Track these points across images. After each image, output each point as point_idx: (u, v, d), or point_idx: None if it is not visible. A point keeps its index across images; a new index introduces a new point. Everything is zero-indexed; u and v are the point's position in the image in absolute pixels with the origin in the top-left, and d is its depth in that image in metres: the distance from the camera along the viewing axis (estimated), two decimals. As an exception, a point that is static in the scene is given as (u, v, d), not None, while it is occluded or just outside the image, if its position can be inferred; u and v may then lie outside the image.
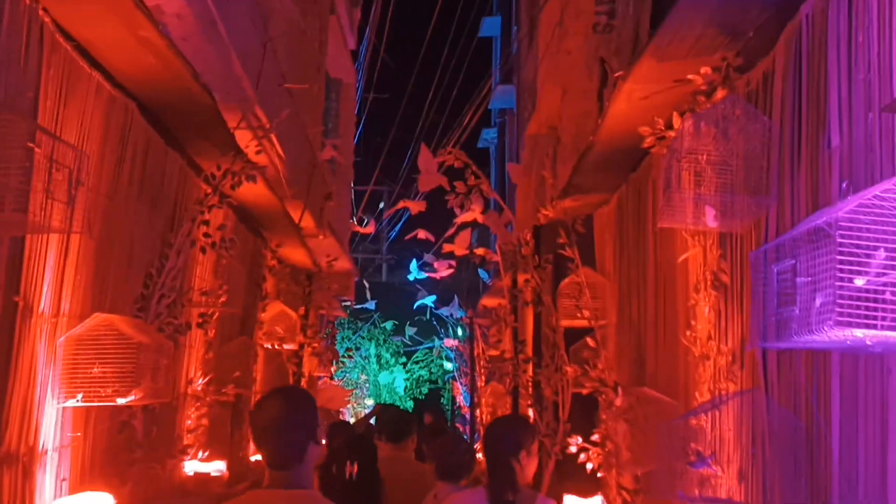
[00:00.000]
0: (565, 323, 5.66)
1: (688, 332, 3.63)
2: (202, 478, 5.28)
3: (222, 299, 5.31)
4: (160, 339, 4.00)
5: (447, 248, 10.64)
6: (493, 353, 10.61)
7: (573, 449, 5.20)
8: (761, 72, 3.25)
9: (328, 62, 10.86)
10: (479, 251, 11.15)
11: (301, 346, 7.97)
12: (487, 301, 11.20)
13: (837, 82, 2.53)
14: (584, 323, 5.48)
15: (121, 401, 3.55)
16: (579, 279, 5.46)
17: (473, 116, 14.61)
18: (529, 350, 6.67)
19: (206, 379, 5.45)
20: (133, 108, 4.03)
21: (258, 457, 7.39)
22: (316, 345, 8.42)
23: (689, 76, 3.52)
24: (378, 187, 19.14)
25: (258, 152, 4.90)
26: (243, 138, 5.02)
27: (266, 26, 5.73)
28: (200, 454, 5.34)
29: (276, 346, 7.36)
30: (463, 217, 11.01)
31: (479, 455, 4.64)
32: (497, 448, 3.10)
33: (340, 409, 10.97)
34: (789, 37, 2.96)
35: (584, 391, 5.22)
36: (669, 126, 3.76)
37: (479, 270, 15.43)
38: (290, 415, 2.47)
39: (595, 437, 5.19)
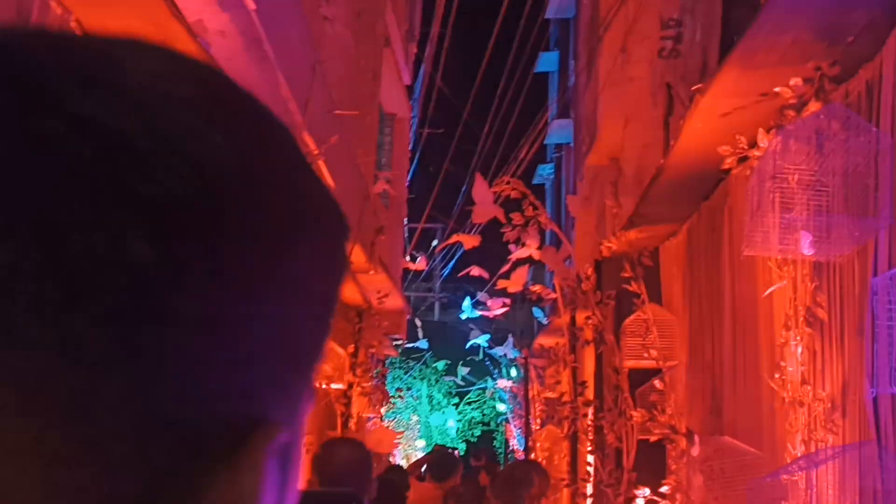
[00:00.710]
0: (630, 363, 5.25)
1: (776, 375, 3.22)
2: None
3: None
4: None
5: (502, 284, 10.31)
6: (550, 394, 10.16)
7: (640, 502, 4.77)
8: (863, 80, 2.88)
9: (382, 95, 10.73)
10: (536, 288, 10.80)
11: (350, 385, 7.67)
12: (543, 340, 10.78)
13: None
14: (650, 364, 5.07)
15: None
16: (646, 316, 5.06)
17: (529, 151, 14.33)
18: (590, 392, 6.25)
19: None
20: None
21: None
22: (365, 384, 8.12)
23: (778, 89, 3.16)
24: (431, 224, 18.95)
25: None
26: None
27: (316, 50, 5.54)
28: None
29: (324, 386, 7.07)
30: (518, 253, 10.69)
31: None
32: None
33: (390, 453, 10.61)
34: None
35: (652, 438, 4.79)
36: (753, 145, 3.39)
37: (534, 309, 15.01)
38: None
39: (664, 489, 4.75)
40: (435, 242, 19.00)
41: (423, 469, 5.32)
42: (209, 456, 0.29)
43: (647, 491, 4.76)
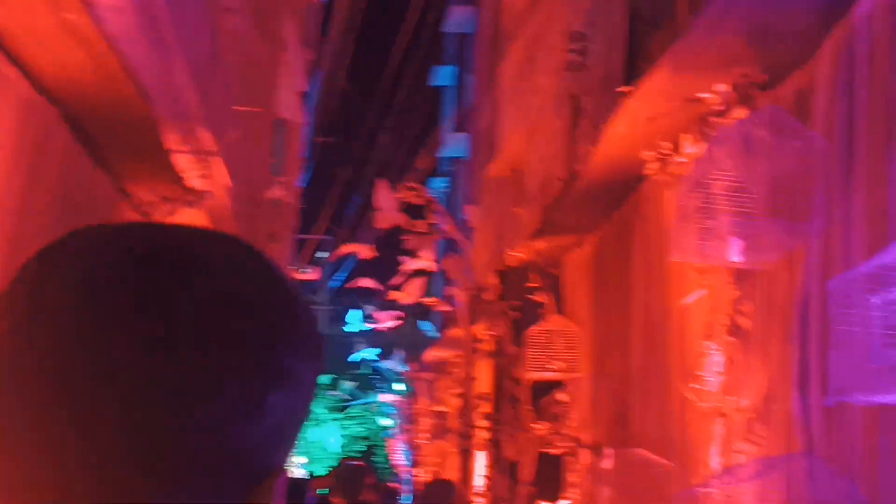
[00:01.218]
0: (533, 375, 5.15)
1: (692, 385, 3.16)
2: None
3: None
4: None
5: (395, 296, 10.10)
6: (441, 408, 10.01)
7: (541, 517, 4.66)
8: (793, 88, 2.87)
9: (278, 100, 10.36)
10: (430, 300, 10.64)
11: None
12: (434, 354, 10.64)
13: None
14: (554, 375, 4.99)
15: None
16: (550, 327, 4.98)
17: (425, 165, 14.23)
18: (488, 405, 6.13)
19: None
20: (54, 115, 3.43)
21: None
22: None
23: (702, 95, 3.13)
24: (322, 236, 18.56)
25: (201, 177, 4.33)
26: (183, 163, 4.45)
27: (216, 39, 5.21)
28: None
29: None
30: (412, 264, 10.52)
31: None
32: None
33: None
34: (839, 42, 2.57)
35: (555, 451, 4.69)
36: (676, 150, 3.35)
37: (421, 323, 14.88)
38: None
39: (564, 503, 4.66)
40: (325, 255, 18.61)
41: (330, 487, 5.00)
42: (259, 484, 0.51)
43: (548, 506, 4.65)
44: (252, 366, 0.49)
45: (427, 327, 14.79)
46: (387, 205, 6.37)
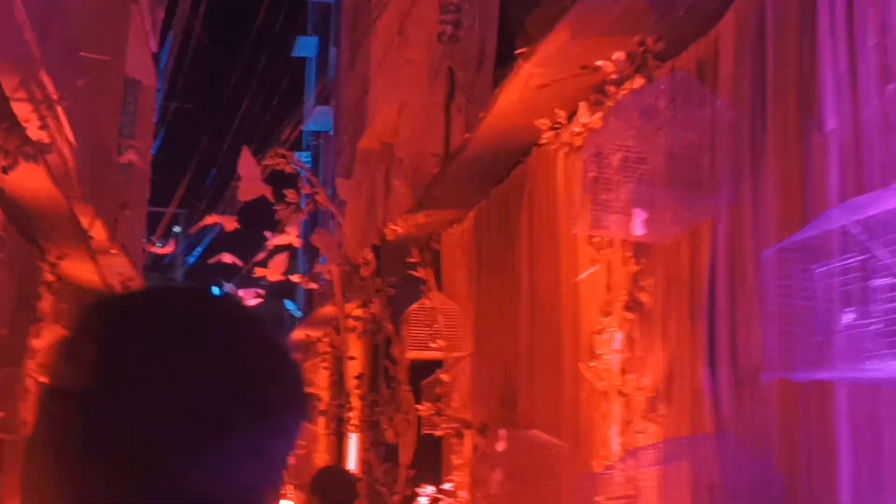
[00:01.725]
0: (413, 354, 4.96)
1: (591, 364, 3.05)
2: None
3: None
4: None
5: (259, 272, 9.64)
6: (309, 389, 9.69)
7: (424, 501, 4.49)
8: (693, 57, 2.78)
9: (127, 60, 9.59)
10: (296, 277, 10.24)
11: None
12: (301, 333, 10.26)
13: (833, 54, 2.06)
14: (435, 355, 4.81)
15: None
16: (431, 305, 4.79)
17: (288, 137, 13.68)
18: (363, 387, 5.89)
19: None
20: None
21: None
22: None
23: (599, 62, 3.00)
24: (173, 209, 17.58)
25: (41, 127, 3.83)
26: (23, 111, 3.93)
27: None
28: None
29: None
30: (277, 239, 10.07)
31: None
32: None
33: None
34: (742, 10, 2.49)
35: (439, 432, 4.53)
36: (570, 120, 3.22)
37: (286, 301, 14.40)
38: None
39: (448, 486, 4.51)
40: (178, 229, 17.68)
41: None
42: None
43: (430, 489, 4.49)
44: (265, 421, 0.64)
45: (290, 306, 14.33)
46: (251, 174, 5.97)
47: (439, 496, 4.47)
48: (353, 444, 7.09)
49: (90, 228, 5.95)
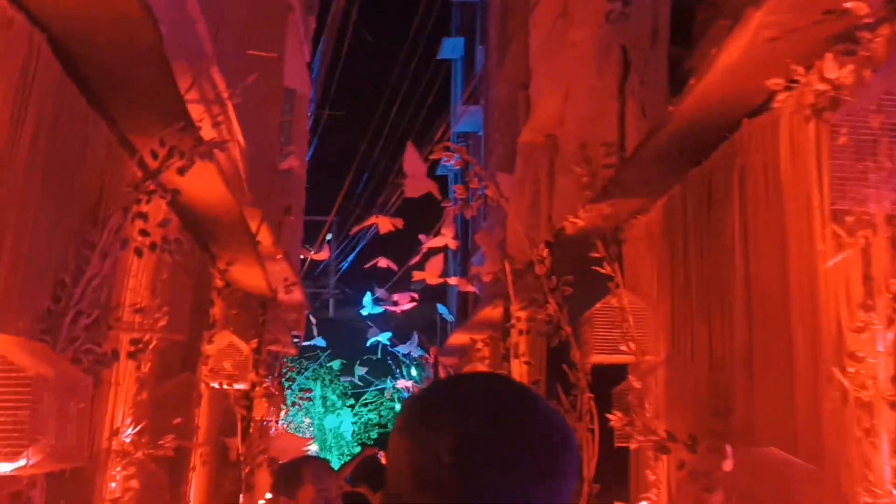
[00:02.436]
0: (596, 359, 4.54)
1: (849, 369, 2.54)
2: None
3: (162, 322, 4.04)
4: (74, 374, 2.76)
5: (417, 276, 9.49)
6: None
7: (617, 521, 4.07)
8: None
9: (285, 68, 9.69)
10: (453, 279, 10.03)
11: (252, 385, 6.66)
12: (458, 338, 10.05)
13: None
14: (623, 359, 4.38)
15: (5, 467, 2.29)
16: (619, 303, 4.36)
17: (440, 140, 13.51)
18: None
19: (138, 428, 4.14)
20: (42, 42, 2.80)
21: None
22: (267, 385, 7.12)
23: (849, 3, 2.49)
24: (323, 217, 17.89)
25: (215, 125, 3.70)
26: (196, 111, 3.81)
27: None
28: (127, 530, 4.01)
29: (225, 386, 6.05)
30: (432, 242, 9.89)
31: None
32: None
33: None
34: None
35: (633, 445, 4.08)
36: (812, 76, 2.71)
37: (439, 306, 14.28)
38: None
39: (643, 505, 4.06)
40: (329, 237, 17.95)
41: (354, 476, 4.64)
42: None
43: (624, 507, 4.06)
44: (568, 486, 0.91)
45: (442, 310, 14.20)
46: (417, 171, 5.74)
47: (635, 515, 4.03)
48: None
49: (257, 232, 5.90)
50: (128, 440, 4.08)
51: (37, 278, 3.00)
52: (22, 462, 2.31)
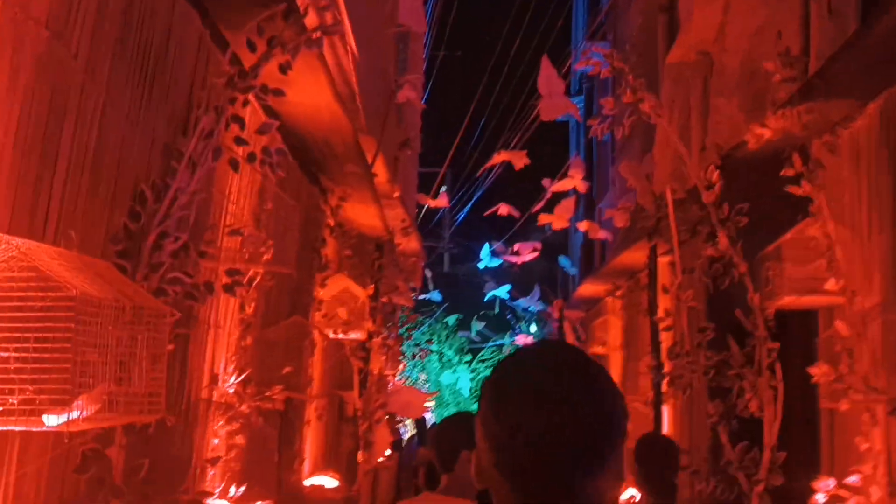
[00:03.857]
0: (786, 301, 3.69)
1: None
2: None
3: (267, 255, 3.46)
4: (155, 307, 2.18)
5: (544, 219, 8.73)
6: (601, 349, 8.65)
7: (820, 498, 3.25)
8: None
9: (400, 6, 9.01)
10: (583, 225, 9.22)
11: (369, 335, 6.11)
12: (586, 289, 9.24)
13: None
14: (822, 300, 3.51)
15: (51, 421, 1.73)
16: (818, 232, 3.48)
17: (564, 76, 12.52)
18: (698, 344, 4.64)
19: (243, 377, 3.60)
20: None
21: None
22: (386, 335, 6.57)
23: None
24: (435, 169, 17.24)
25: (324, 8, 3.03)
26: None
27: None
28: (234, 490, 3.50)
29: (340, 335, 5.52)
30: (559, 185, 9.08)
31: None
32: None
33: (420, 418, 9.10)
34: None
35: (844, 405, 3.24)
36: None
37: (561, 258, 13.45)
38: None
39: (853, 479, 3.23)
40: (444, 188, 17.31)
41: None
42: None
43: (829, 482, 3.24)
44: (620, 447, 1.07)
45: (565, 262, 13.37)
46: (553, 90, 4.97)
47: (844, 493, 3.20)
48: (667, 415, 5.94)
49: (373, 163, 5.27)
50: (231, 391, 3.55)
51: (111, 190, 2.43)
52: (75, 414, 1.74)
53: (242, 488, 3.52)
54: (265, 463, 4.03)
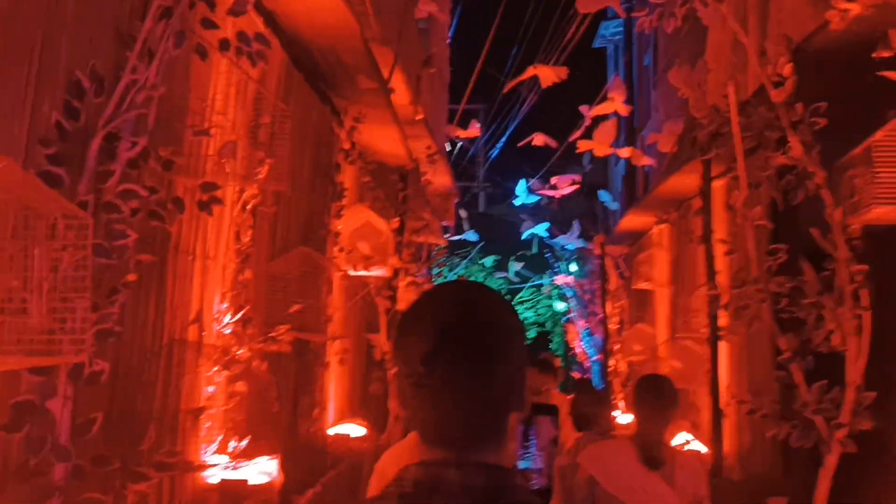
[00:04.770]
0: (876, 215, 3.10)
1: None
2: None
3: (262, 169, 2.95)
4: (72, 211, 1.71)
5: (583, 145, 8.10)
6: (645, 285, 8.07)
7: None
8: None
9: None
10: (626, 151, 8.57)
11: (395, 272, 5.62)
12: (630, 221, 8.63)
13: None
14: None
15: None
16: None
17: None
18: (751, 270, 4.03)
19: (239, 315, 3.13)
20: None
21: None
22: (413, 271, 6.07)
23: None
24: (471, 105, 16.48)
25: None
26: None
27: None
28: (233, 445, 3.05)
29: (362, 272, 5.02)
30: (599, 109, 8.41)
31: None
32: (658, 403, 3.01)
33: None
34: None
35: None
36: None
37: (601, 192, 12.77)
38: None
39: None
40: (478, 125, 16.63)
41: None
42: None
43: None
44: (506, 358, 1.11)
45: (605, 197, 12.70)
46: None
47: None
48: (724, 353, 5.38)
49: (390, 77, 4.70)
50: (227, 332, 3.08)
51: (34, 74, 1.92)
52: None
53: (245, 441, 3.08)
54: (273, 413, 3.58)
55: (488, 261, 16.98)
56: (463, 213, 14.06)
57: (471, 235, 13.78)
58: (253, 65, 2.48)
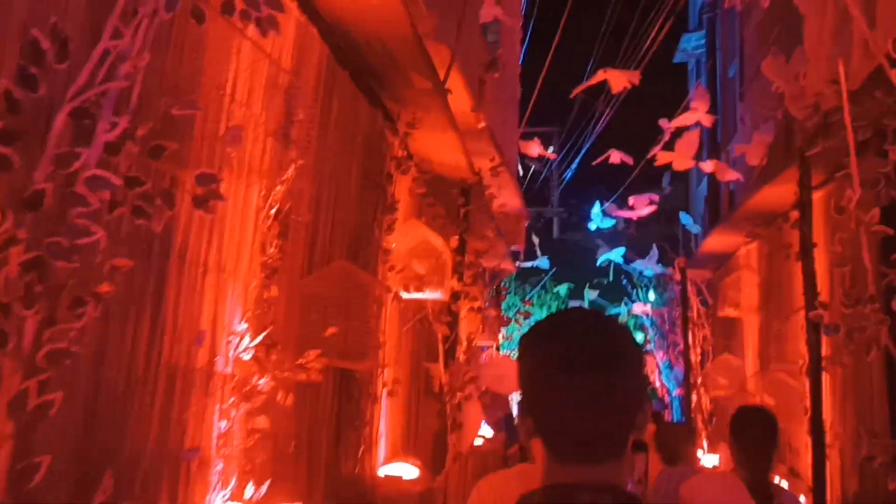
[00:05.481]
0: None
1: None
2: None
3: (290, 169, 2.54)
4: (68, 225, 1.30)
5: (663, 158, 7.52)
6: (731, 313, 7.39)
7: None
8: None
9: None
10: (709, 165, 7.95)
11: (454, 295, 5.15)
12: (713, 243, 7.98)
13: None
14: None
15: None
16: None
17: (667, 20, 11.10)
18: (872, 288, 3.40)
19: (260, 338, 2.71)
20: None
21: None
22: (476, 295, 5.60)
23: None
24: (542, 128, 16.00)
25: None
26: None
27: None
28: (252, 491, 2.62)
29: (418, 294, 4.58)
30: (680, 120, 7.83)
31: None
32: (763, 436, 2.79)
33: (510, 394, 8.09)
34: None
35: None
36: None
37: (682, 214, 12.07)
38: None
39: None
40: (551, 149, 16.12)
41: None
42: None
43: None
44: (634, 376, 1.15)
45: (685, 219, 11.99)
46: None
47: None
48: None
49: (446, 77, 4.28)
50: (246, 357, 2.66)
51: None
52: None
53: (264, 487, 2.64)
54: (291, 452, 3.14)
55: (562, 289, 16.34)
56: (535, 239, 13.52)
57: (543, 262, 13.21)
58: (263, 34, 2.08)
